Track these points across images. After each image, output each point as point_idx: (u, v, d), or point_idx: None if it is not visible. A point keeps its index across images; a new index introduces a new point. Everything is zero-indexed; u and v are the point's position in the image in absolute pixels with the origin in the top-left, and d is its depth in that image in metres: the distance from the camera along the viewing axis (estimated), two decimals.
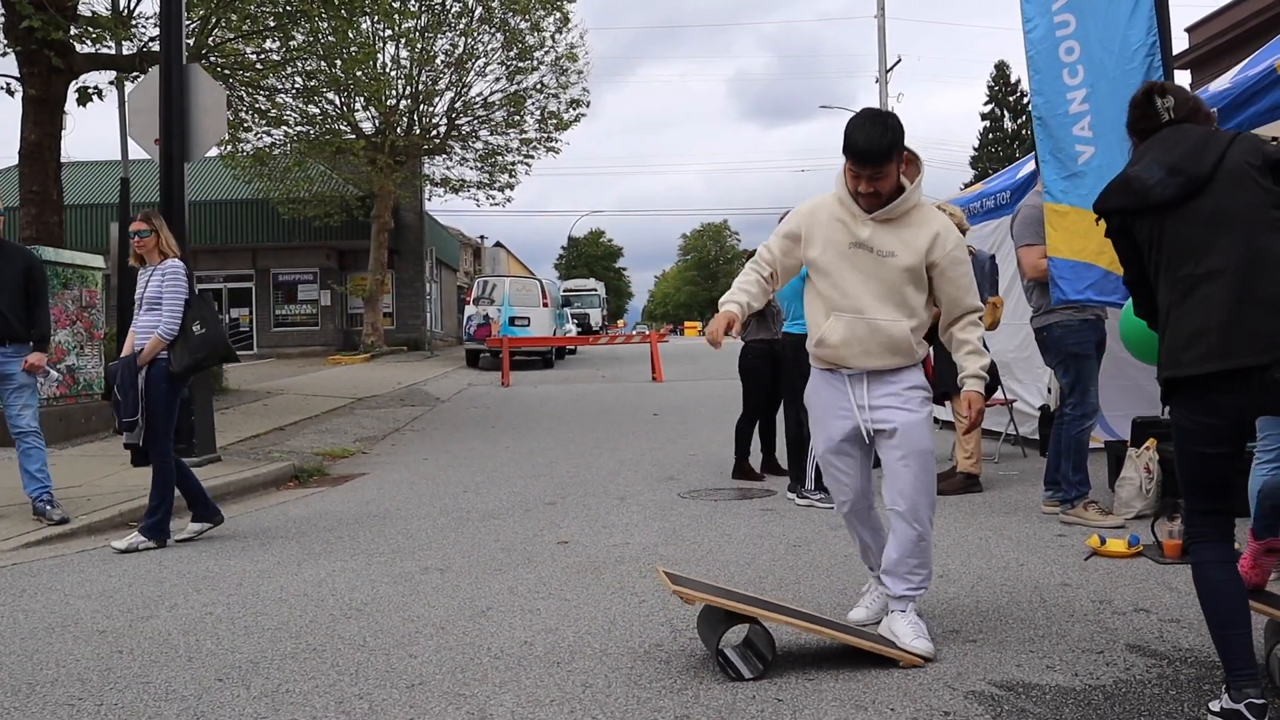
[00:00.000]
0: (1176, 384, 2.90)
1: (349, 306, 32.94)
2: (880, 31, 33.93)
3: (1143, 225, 2.99)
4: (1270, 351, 2.70)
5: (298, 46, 16.54)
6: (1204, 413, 2.84)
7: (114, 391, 5.82)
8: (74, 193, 14.82)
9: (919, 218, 3.66)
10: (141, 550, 5.67)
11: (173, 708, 3.26)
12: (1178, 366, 2.87)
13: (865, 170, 3.53)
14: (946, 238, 3.64)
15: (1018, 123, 55.46)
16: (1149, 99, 3.06)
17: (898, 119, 3.56)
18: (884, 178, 3.55)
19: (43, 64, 11.56)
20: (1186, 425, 2.90)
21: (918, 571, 3.69)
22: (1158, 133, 3.03)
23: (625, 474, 8.23)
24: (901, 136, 3.54)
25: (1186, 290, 2.87)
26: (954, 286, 3.68)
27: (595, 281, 52.78)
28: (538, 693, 3.31)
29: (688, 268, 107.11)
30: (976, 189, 10.45)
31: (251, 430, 11.08)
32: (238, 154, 20.82)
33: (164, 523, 5.84)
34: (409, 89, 27.12)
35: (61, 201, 12.49)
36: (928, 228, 3.64)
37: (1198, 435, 2.87)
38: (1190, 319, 2.84)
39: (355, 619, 4.25)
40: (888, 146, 3.49)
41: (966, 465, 6.92)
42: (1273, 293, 2.73)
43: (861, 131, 3.51)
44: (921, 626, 3.60)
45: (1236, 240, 2.78)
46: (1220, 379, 2.78)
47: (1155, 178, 2.90)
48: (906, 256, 3.61)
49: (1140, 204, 2.95)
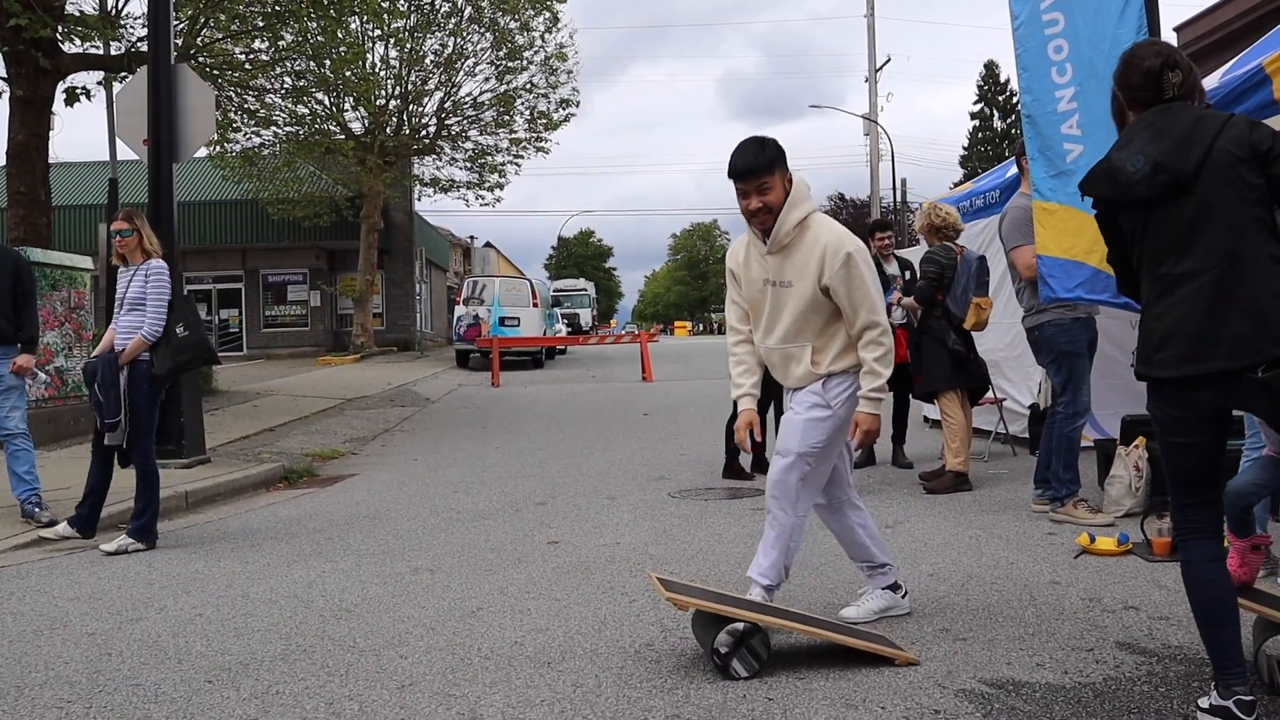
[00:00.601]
0: (1150, 380, 2.92)
1: (338, 307, 32.89)
2: (870, 31, 34.01)
3: (1126, 216, 2.98)
4: (1237, 358, 2.70)
5: (286, 46, 16.50)
6: (1179, 408, 2.85)
7: (94, 390, 5.78)
8: (62, 194, 14.74)
9: (809, 239, 3.69)
10: (131, 552, 5.65)
11: (162, 710, 3.25)
12: (1149, 366, 2.89)
13: (749, 184, 3.65)
14: (833, 256, 3.63)
15: (1007, 122, 55.60)
16: (1161, 73, 2.95)
17: (776, 142, 3.71)
18: (769, 190, 3.64)
19: (30, 64, 11.52)
20: (1162, 418, 2.91)
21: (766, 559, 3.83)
22: (1150, 109, 2.97)
23: (616, 474, 8.23)
24: (782, 155, 3.69)
25: (1165, 288, 2.87)
26: (846, 303, 3.67)
27: (585, 282, 52.78)
28: (528, 693, 3.31)
29: (678, 268, 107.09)
30: (966, 188, 10.46)
31: (241, 431, 11.05)
32: (227, 154, 20.81)
33: (152, 524, 5.82)
34: (398, 89, 27.11)
35: (49, 202, 12.45)
36: (815, 248, 3.67)
37: (1175, 427, 2.87)
38: (1165, 319, 2.84)
39: (345, 620, 4.24)
40: (768, 161, 3.64)
41: (955, 464, 6.92)
42: (1248, 297, 2.72)
43: (739, 153, 3.69)
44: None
45: (1218, 240, 2.77)
46: (1192, 380, 2.79)
47: (1140, 173, 2.88)
48: (802, 285, 3.69)
49: (1124, 198, 2.94)
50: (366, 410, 13.99)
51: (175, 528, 6.45)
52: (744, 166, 3.66)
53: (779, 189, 3.66)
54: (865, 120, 35.15)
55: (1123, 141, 3.01)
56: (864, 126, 35.43)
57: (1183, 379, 2.80)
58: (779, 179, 3.66)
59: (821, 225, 3.73)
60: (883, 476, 7.65)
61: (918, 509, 6.31)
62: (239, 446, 9.95)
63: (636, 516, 6.37)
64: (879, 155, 34.84)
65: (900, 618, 3.99)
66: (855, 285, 3.64)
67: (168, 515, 6.02)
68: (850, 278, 3.63)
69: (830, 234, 3.69)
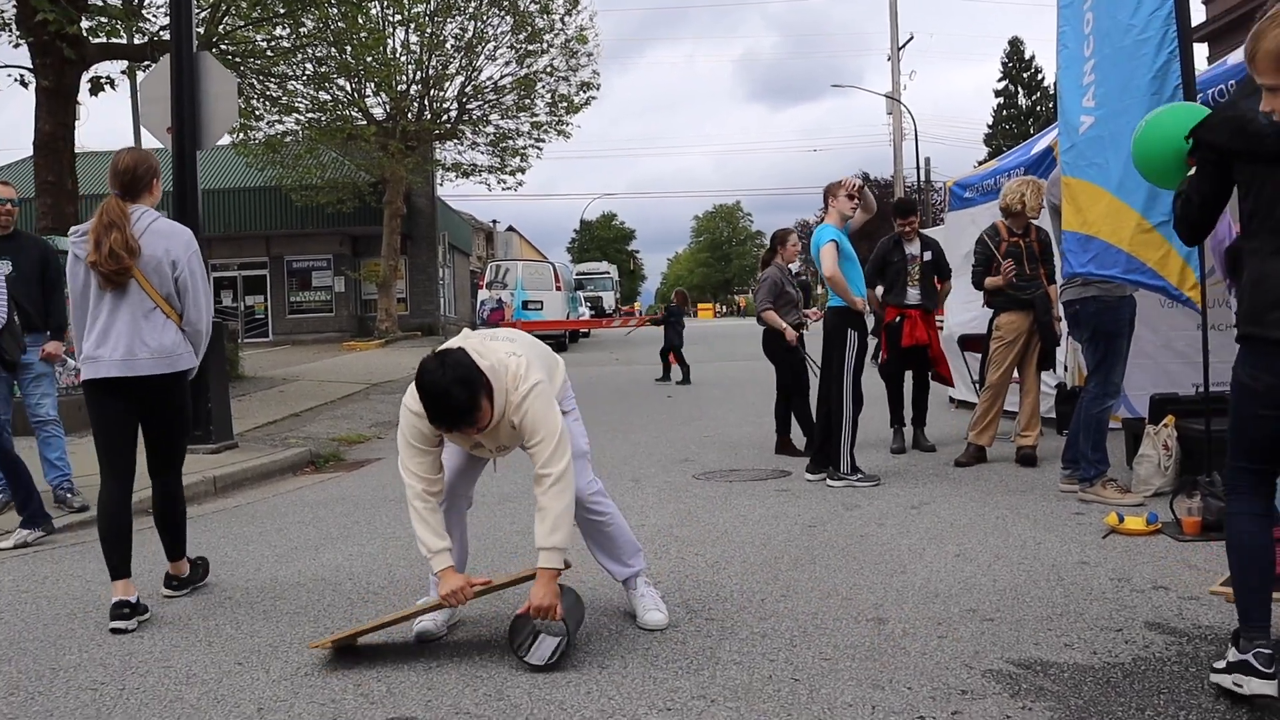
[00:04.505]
0: (1254, 341, 2.80)
1: (363, 293, 33.00)
2: (892, 8, 33.66)
3: (1245, 169, 2.85)
4: None
5: (308, 33, 16.54)
6: (1274, 374, 2.74)
7: None
8: (88, 182, 14.83)
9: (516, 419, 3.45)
10: (32, 544, 5.61)
11: (193, 691, 3.29)
12: (1259, 325, 2.76)
13: (458, 431, 3.39)
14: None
15: (1032, 99, 55.10)
16: None
17: (463, 379, 3.27)
18: (482, 420, 3.35)
19: (55, 55, 11.59)
20: (1249, 384, 2.81)
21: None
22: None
23: (640, 456, 8.24)
24: (476, 389, 3.28)
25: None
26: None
27: (608, 265, 52.72)
28: (554, 674, 3.32)
29: (700, 249, 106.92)
30: (990, 166, 10.38)
31: (268, 417, 11.14)
32: (250, 141, 20.86)
33: (41, 507, 5.75)
34: (419, 74, 27.10)
35: (76, 191, 12.54)
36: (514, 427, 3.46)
37: (1260, 397, 2.78)
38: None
39: (373, 602, 4.27)
40: (467, 404, 3.27)
41: (971, 436, 7.07)
42: None
43: (441, 417, 3.32)
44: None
45: None
46: None
47: (1274, 127, 2.73)
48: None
49: (1253, 149, 2.80)
50: (392, 395, 14.05)
51: (204, 512, 6.52)
52: (450, 422, 3.33)
53: (487, 414, 3.35)
54: (888, 99, 34.86)
55: (1251, 89, 2.85)
56: (886, 105, 35.13)
57: None
58: (485, 409, 3.33)
59: (517, 412, 3.44)
60: (907, 458, 7.62)
61: (943, 490, 6.28)
62: (266, 432, 10.03)
63: (661, 499, 6.37)
64: (902, 134, 34.58)
65: (927, 597, 3.98)
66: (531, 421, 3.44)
67: (196, 500, 6.07)
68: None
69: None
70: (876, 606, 3.92)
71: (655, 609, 3.83)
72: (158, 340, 4.17)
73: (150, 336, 4.16)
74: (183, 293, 4.25)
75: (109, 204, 4.19)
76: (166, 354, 4.19)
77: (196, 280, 4.30)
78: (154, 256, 4.16)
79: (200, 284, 4.33)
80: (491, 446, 3.61)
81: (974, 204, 9.91)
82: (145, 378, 4.15)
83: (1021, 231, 6.98)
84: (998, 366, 7.10)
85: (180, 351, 4.26)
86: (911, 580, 4.27)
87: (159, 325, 4.19)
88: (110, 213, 4.13)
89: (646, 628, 3.77)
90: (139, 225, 4.17)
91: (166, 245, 4.20)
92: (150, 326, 4.17)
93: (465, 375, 3.26)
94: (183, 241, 4.27)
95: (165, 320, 4.21)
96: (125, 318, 4.14)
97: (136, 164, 4.29)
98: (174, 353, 4.22)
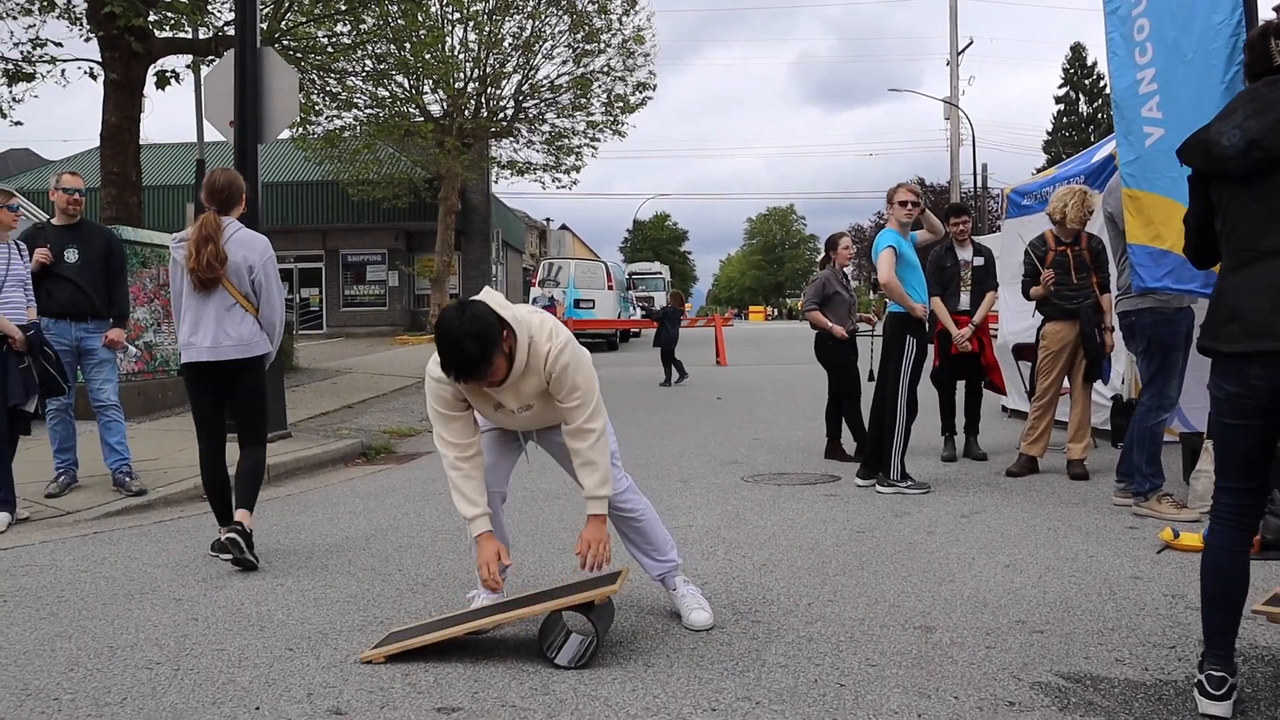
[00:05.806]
0: (1214, 355, 2.91)
1: (416, 287, 33.35)
2: (952, 12, 33.33)
3: (1216, 188, 2.96)
4: None
5: (368, 30, 16.75)
6: (1237, 384, 2.83)
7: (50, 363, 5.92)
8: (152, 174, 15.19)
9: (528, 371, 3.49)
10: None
11: (245, 674, 3.35)
12: (1214, 340, 2.88)
13: (471, 382, 3.40)
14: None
15: (1093, 106, 54.22)
16: (1264, 38, 2.93)
17: (479, 332, 3.26)
18: (496, 372, 3.37)
19: (123, 49, 11.87)
20: (1218, 395, 2.90)
21: None
22: (1259, 80, 2.93)
23: (688, 457, 8.23)
24: (490, 344, 3.28)
25: (1242, 263, 2.85)
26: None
27: (660, 265, 52.72)
28: (600, 670, 3.34)
29: (753, 252, 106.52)
30: (1050, 173, 10.23)
31: (321, 408, 11.30)
32: (309, 136, 21.15)
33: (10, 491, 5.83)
34: (476, 72, 27.29)
35: (140, 182, 12.83)
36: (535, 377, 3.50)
37: (1228, 406, 2.87)
38: (1238, 294, 2.83)
39: (421, 594, 4.32)
40: (478, 354, 3.27)
41: (1024, 446, 7.01)
42: None
43: (451, 365, 3.32)
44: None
45: None
46: (1257, 357, 2.76)
47: (1234, 148, 2.84)
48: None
49: (1216, 170, 2.92)
50: None
51: (257, 500, 6.61)
52: (470, 376, 3.36)
53: (501, 369, 3.37)
54: (946, 104, 34.51)
55: (1226, 111, 2.96)
56: (944, 110, 34.78)
57: (1245, 354, 2.78)
58: (500, 362, 3.35)
59: (530, 356, 3.48)
60: (958, 466, 7.55)
61: (994, 500, 6.21)
62: (319, 423, 10.17)
63: (709, 500, 6.37)
64: (959, 140, 34.21)
65: (976, 606, 3.95)
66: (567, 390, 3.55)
67: None
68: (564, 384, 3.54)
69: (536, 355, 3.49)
70: (924, 614, 3.89)
71: (699, 608, 3.84)
72: (238, 331, 4.90)
73: (232, 328, 4.89)
74: (259, 292, 5.00)
75: (207, 219, 4.88)
76: (245, 342, 4.92)
77: (270, 282, 5.03)
78: (235, 262, 4.90)
79: (274, 285, 5.06)
80: (514, 406, 3.59)
81: (1031, 211, 9.77)
82: (228, 361, 4.89)
83: (1070, 240, 6.87)
84: (1045, 377, 7.00)
85: (257, 340, 4.98)
86: (960, 589, 4.23)
87: (239, 318, 4.92)
88: (208, 226, 4.84)
89: (692, 628, 3.77)
90: (225, 235, 4.89)
91: (245, 253, 4.93)
92: (232, 319, 4.90)
93: (481, 329, 3.26)
94: (259, 249, 4.98)
95: (244, 314, 4.94)
96: (212, 312, 4.88)
97: (230, 183, 5.02)
98: (251, 341, 4.95)
